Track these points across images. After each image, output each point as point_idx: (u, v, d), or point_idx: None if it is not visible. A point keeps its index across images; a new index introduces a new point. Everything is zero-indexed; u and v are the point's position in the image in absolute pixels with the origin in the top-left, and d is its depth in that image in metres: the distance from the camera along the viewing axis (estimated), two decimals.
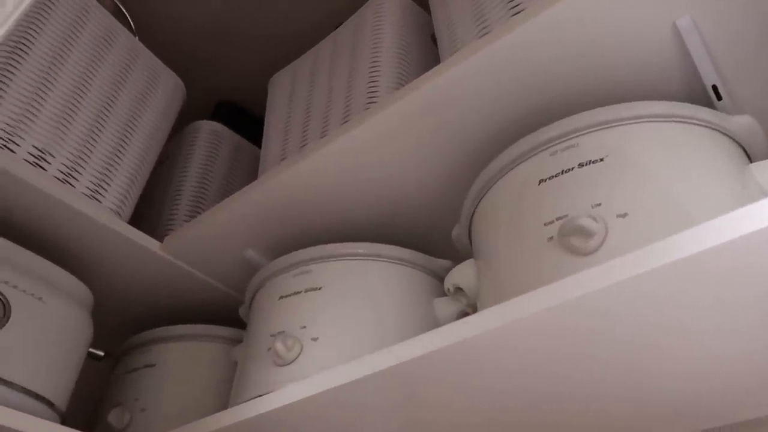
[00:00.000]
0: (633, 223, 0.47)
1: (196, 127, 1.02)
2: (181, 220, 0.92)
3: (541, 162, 0.55)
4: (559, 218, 0.50)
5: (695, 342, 0.45)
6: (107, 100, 0.83)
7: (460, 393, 0.53)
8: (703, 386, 0.50)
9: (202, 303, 0.90)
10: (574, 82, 0.61)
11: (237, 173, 1.05)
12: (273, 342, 0.63)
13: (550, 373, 0.49)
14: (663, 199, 0.48)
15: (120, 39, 0.88)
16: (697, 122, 0.54)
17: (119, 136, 0.83)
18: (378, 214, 0.77)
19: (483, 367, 0.49)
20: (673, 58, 0.58)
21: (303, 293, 0.67)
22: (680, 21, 0.55)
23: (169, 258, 0.82)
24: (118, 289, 0.86)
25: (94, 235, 0.78)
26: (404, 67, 0.78)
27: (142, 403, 0.79)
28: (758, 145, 0.55)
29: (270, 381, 0.62)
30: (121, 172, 0.82)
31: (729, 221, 0.37)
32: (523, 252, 0.52)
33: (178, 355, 0.83)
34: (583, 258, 0.46)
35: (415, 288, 0.69)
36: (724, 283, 0.40)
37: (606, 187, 0.49)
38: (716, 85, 0.57)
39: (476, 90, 0.63)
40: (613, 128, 0.53)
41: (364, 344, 0.63)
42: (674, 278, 0.39)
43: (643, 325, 0.43)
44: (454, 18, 0.70)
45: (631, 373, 0.48)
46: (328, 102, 0.81)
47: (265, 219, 0.79)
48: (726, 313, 0.42)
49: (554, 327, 0.44)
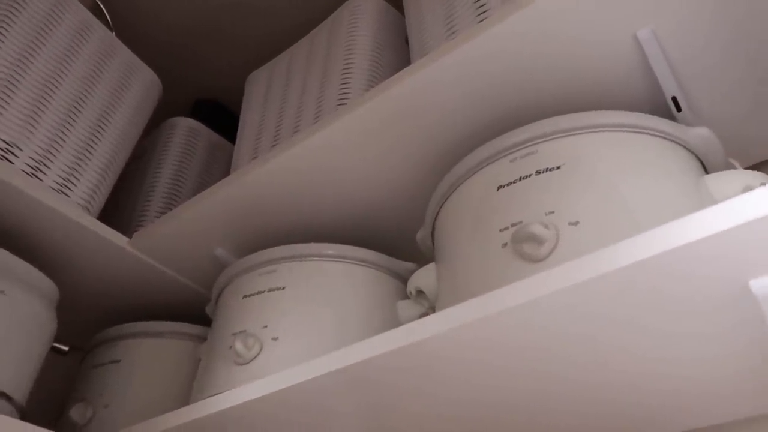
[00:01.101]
0: (584, 231, 0.47)
1: (172, 123, 1.02)
2: (153, 217, 0.91)
3: (501, 168, 0.55)
4: (513, 224, 0.50)
5: (640, 349, 0.46)
6: (80, 94, 0.83)
7: (415, 394, 0.53)
8: (652, 392, 0.50)
9: (171, 300, 0.90)
10: (538, 89, 0.61)
11: (214, 171, 1.05)
12: (234, 340, 0.63)
13: (496, 378, 0.49)
14: (615, 209, 0.48)
15: (96, 34, 0.87)
16: (654, 133, 0.54)
17: (91, 131, 0.83)
18: (345, 215, 0.78)
19: (434, 370, 0.49)
20: (635, 69, 0.59)
21: (266, 293, 0.67)
22: (641, 32, 0.55)
23: (138, 254, 0.82)
24: (85, 284, 0.86)
25: (61, 230, 0.77)
26: (377, 69, 0.78)
27: (106, 399, 0.78)
28: (714, 156, 0.56)
29: (229, 379, 0.62)
30: (91, 167, 0.82)
31: (673, 228, 0.37)
32: (479, 257, 0.52)
33: (144, 351, 0.82)
34: (534, 264, 0.47)
35: (379, 290, 0.69)
36: (666, 289, 0.40)
37: (560, 194, 0.50)
38: (676, 96, 0.58)
39: (443, 94, 0.63)
40: (571, 137, 0.53)
41: (326, 345, 0.63)
42: (618, 285, 0.40)
43: (586, 333, 0.44)
44: (425, 21, 0.71)
45: (576, 382, 0.49)
46: (301, 101, 0.82)
47: (235, 217, 0.79)
48: (671, 318, 0.43)
49: (497, 334, 0.44)
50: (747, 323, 0.41)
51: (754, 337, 0.42)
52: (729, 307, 0.40)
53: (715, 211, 0.35)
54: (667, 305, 0.41)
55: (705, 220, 0.36)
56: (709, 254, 0.36)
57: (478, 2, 0.64)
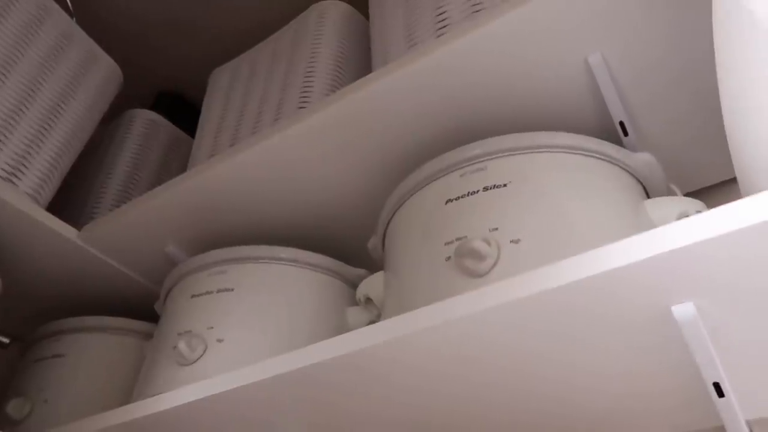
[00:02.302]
0: (525, 248, 0.48)
1: (131, 115, 1.00)
2: (106, 211, 0.90)
3: (451, 182, 0.56)
4: (458, 239, 0.51)
5: (575, 365, 0.47)
6: (34, 79, 0.81)
7: (359, 402, 0.54)
8: (584, 405, 0.52)
9: (119, 295, 0.88)
10: (492, 107, 0.63)
11: (173, 166, 1.03)
12: (178, 340, 0.63)
13: (434, 390, 0.50)
14: (557, 228, 0.49)
15: (53, 19, 0.85)
16: (600, 156, 0.56)
17: (44, 118, 0.81)
18: (300, 219, 0.78)
19: (378, 377, 0.50)
20: (585, 92, 0.60)
21: (215, 293, 0.67)
22: (591, 57, 0.57)
23: (87, 247, 0.81)
24: (31, 276, 0.84)
25: (7, 219, 0.75)
26: (340, 74, 0.78)
27: (46, 394, 0.77)
28: (656, 182, 0.58)
29: (171, 380, 0.62)
30: (42, 156, 0.80)
31: (602, 253, 0.38)
32: (423, 268, 0.53)
33: (90, 347, 0.81)
34: (474, 280, 0.48)
35: (329, 295, 0.70)
36: (598, 311, 0.41)
37: (505, 212, 0.51)
38: (623, 121, 0.60)
39: (401, 104, 0.64)
40: (520, 155, 0.55)
41: (272, 349, 0.63)
42: (548, 304, 0.41)
43: (519, 348, 0.45)
44: (387, 30, 0.71)
45: (511, 391, 0.50)
46: (261, 102, 0.81)
47: (189, 215, 0.78)
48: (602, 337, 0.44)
49: (436, 345, 0.45)
50: (671, 345, 0.42)
51: (677, 358, 0.44)
52: (654, 329, 0.41)
53: (642, 239, 0.37)
54: (597, 325, 0.42)
55: (632, 247, 0.37)
56: (635, 279, 0.38)
57: (439, 16, 0.65)
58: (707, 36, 0.55)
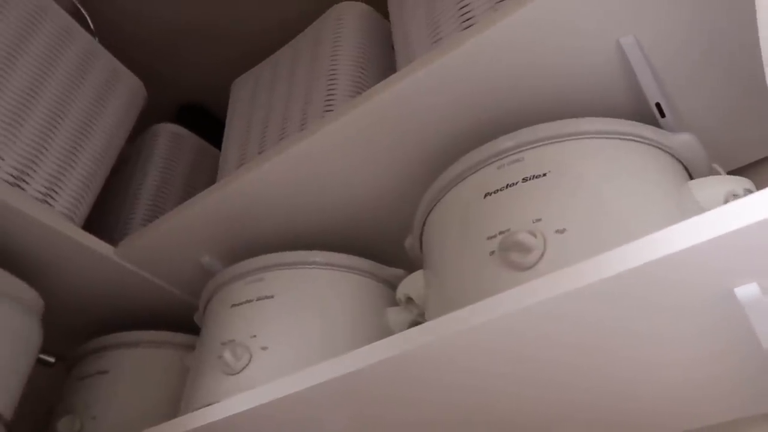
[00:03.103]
0: (571, 238, 0.47)
1: (156, 130, 1.01)
2: (139, 225, 0.91)
3: (488, 175, 0.56)
4: (501, 232, 0.50)
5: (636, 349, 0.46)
6: (62, 101, 0.82)
7: (407, 403, 0.53)
8: (643, 396, 0.51)
9: (158, 309, 0.89)
10: (523, 96, 0.62)
11: (199, 177, 1.04)
12: (223, 350, 0.63)
13: (487, 387, 0.49)
14: (601, 215, 0.49)
15: (77, 39, 0.86)
16: (639, 139, 0.55)
17: (74, 139, 0.82)
18: (333, 222, 0.77)
19: (425, 378, 0.49)
20: (618, 75, 0.59)
21: (255, 301, 0.67)
22: (624, 39, 0.56)
23: (124, 263, 0.81)
24: (71, 294, 0.85)
25: (45, 240, 0.76)
26: (363, 75, 0.78)
27: (94, 411, 0.78)
28: (698, 162, 0.57)
29: (218, 390, 0.62)
30: (75, 176, 0.81)
31: (661, 238, 0.38)
32: (467, 265, 0.52)
33: (132, 361, 0.82)
34: (522, 273, 0.47)
35: (367, 297, 0.69)
36: (658, 297, 0.40)
37: (547, 202, 0.50)
38: (659, 102, 0.58)
39: (429, 101, 0.63)
40: (557, 144, 0.54)
41: (315, 354, 0.63)
42: (605, 293, 0.40)
43: (573, 343, 0.44)
44: (410, 28, 0.71)
45: (566, 388, 0.49)
46: (286, 107, 0.81)
47: (222, 225, 0.78)
48: (659, 325, 0.43)
49: (489, 342, 0.44)
50: (731, 328, 0.41)
51: (738, 341, 0.42)
52: (716, 312, 0.40)
53: (701, 221, 0.36)
54: (655, 312, 0.41)
55: (691, 230, 0.36)
56: (695, 263, 0.37)
57: (462, 9, 0.64)
58: (741, 12, 0.54)
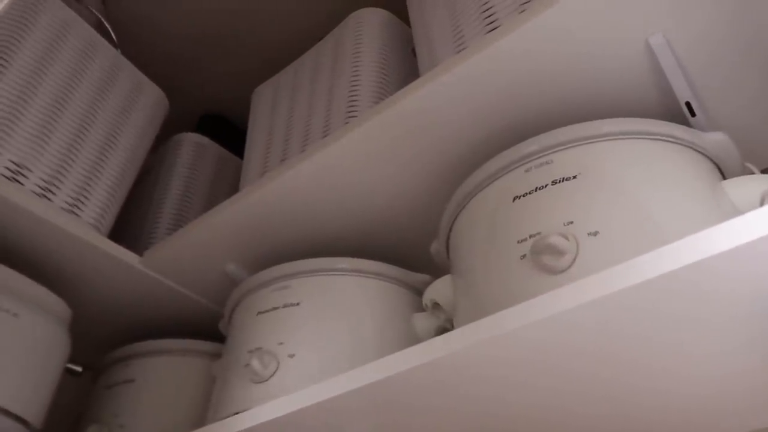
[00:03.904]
0: (604, 241, 0.47)
1: (178, 139, 1.02)
2: (163, 234, 0.91)
3: (516, 178, 0.55)
4: (531, 236, 0.50)
5: (670, 360, 0.45)
6: (87, 113, 0.83)
7: (437, 411, 0.53)
8: (672, 409, 0.49)
9: (183, 317, 0.89)
10: (549, 98, 0.61)
11: (221, 186, 1.05)
12: (250, 358, 0.63)
13: (518, 394, 0.48)
14: (634, 217, 0.48)
15: (101, 52, 0.87)
16: (670, 139, 0.54)
17: (99, 150, 0.83)
18: (357, 229, 0.77)
19: (455, 386, 0.49)
20: (647, 74, 0.58)
21: (281, 309, 0.67)
22: (653, 38, 0.55)
23: (149, 272, 0.82)
24: (97, 304, 0.86)
25: (72, 250, 0.77)
26: (385, 81, 0.78)
27: (121, 420, 0.78)
28: (731, 161, 0.56)
29: (246, 398, 0.62)
30: (100, 186, 0.81)
31: (699, 240, 0.37)
32: (497, 269, 0.52)
33: (158, 370, 0.82)
34: (555, 276, 0.46)
35: (393, 303, 0.69)
36: (696, 303, 0.39)
37: (578, 204, 0.49)
38: (690, 101, 0.57)
39: (454, 105, 0.63)
40: (586, 145, 0.53)
41: (342, 361, 0.62)
42: (644, 297, 0.39)
43: (612, 344, 0.43)
44: (432, 33, 0.71)
45: (604, 392, 0.48)
46: (308, 115, 0.81)
47: (246, 233, 0.79)
48: (700, 331, 0.42)
49: (523, 347, 0.44)
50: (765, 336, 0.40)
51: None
52: (758, 317, 0.39)
53: (741, 222, 0.35)
54: (693, 317, 0.40)
55: (731, 231, 0.35)
56: (735, 266, 0.36)
57: (485, 13, 0.64)
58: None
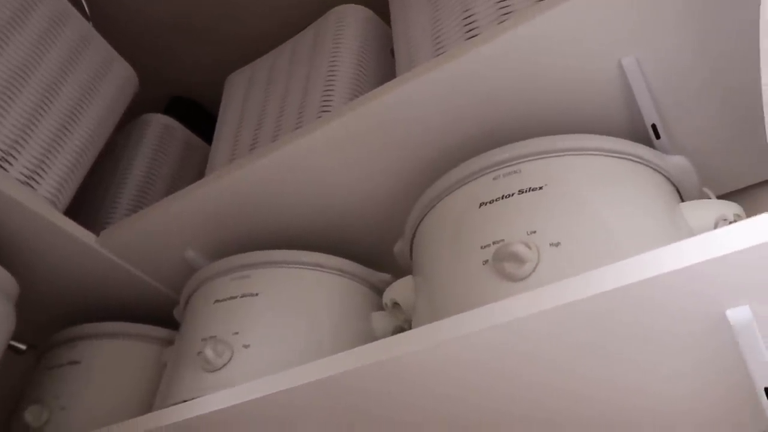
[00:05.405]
0: (565, 252, 0.47)
1: (146, 120, 1.00)
2: (122, 215, 0.89)
3: (484, 185, 0.56)
4: (495, 242, 0.50)
5: (616, 373, 0.46)
6: (53, 83, 0.80)
7: (390, 409, 0.53)
8: (621, 423, 0.51)
9: (136, 301, 0.87)
10: (522, 109, 0.62)
11: (187, 171, 1.03)
12: (203, 346, 0.62)
13: (471, 396, 0.49)
14: (595, 231, 0.49)
15: (72, 23, 0.85)
16: (635, 159, 0.55)
17: (62, 122, 0.80)
18: (323, 224, 0.77)
19: (413, 385, 0.49)
20: (617, 94, 0.60)
21: (239, 298, 0.66)
22: (625, 60, 0.57)
23: (105, 253, 0.80)
24: (48, 281, 0.83)
25: (25, 224, 0.74)
26: (361, 79, 0.78)
27: (63, 402, 0.75)
28: (690, 185, 0.57)
29: (197, 387, 0.61)
30: (60, 160, 0.79)
31: (654, 257, 0.38)
32: (459, 273, 0.52)
33: (106, 353, 0.80)
34: (515, 284, 0.47)
35: (353, 300, 0.69)
36: (648, 318, 0.40)
37: (542, 215, 0.50)
38: (655, 124, 0.59)
39: (428, 107, 0.63)
40: (554, 158, 0.54)
41: (297, 354, 0.62)
42: (597, 309, 0.40)
43: (566, 354, 0.44)
44: (412, 35, 0.71)
45: (552, 400, 0.49)
46: (281, 106, 0.81)
47: (209, 220, 0.77)
48: (653, 345, 0.43)
49: (479, 351, 0.44)
50: (722, 353, 0.42)
51: (728, 367, 0.43)
52: (706, 334, 0.40)
53: (693, 243, 0.36)
54: (644, 335, 0.41)
55: (682, 252, 0.36)
56: (689, 282, 0.37)
57: (466, 20, 0.64)
58: (740, 40, 0.55)
